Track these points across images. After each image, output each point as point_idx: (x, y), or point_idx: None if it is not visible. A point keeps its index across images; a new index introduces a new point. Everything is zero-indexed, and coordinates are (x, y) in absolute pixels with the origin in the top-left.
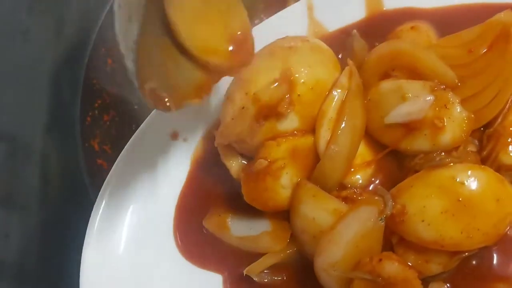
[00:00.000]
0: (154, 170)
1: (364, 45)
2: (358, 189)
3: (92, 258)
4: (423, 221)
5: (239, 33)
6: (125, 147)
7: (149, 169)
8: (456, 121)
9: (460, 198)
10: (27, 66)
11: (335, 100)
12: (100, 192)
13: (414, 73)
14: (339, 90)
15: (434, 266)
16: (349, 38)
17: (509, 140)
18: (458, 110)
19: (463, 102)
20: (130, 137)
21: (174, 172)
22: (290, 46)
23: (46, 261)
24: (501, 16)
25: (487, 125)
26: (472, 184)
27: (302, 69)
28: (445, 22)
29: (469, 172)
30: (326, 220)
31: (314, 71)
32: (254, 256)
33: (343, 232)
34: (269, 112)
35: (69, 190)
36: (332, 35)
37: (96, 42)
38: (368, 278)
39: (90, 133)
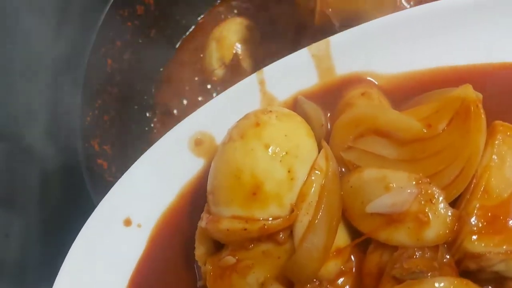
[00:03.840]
0: (106, 263)
1: (316, 107)
2: (325, 282)
3: None
4: None
5: None
6: (76, 239)
7: (100, 262)
8: (441, 217)
9: None
10: (27, 66)
11: (314, 185)
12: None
13: (381, 134)
14: (317, 172)
15: None
16: (297, 105)
17: (472, 228)
18: (443, 207)
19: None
20: (130, 137)
21: (127, 264)
22: (257, 123)
23: (46, 261)
24: (460, 91)
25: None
26: None
27: (281, 141)
28: (396, 89)
29: None
30: None
31: (292, 137)
32: None
33: None
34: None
35: (69, 190)
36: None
37: (96, 42)
38: None
39: (90, 133)
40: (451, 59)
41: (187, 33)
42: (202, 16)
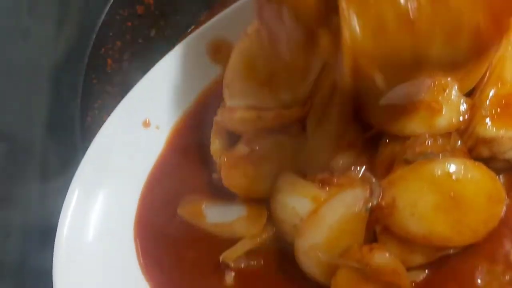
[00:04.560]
0: (125, 160)
1: None
2: (336, 172)
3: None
4: (413, 215)
5: None
6: (96, 136)
7: (120, 159)
8: (453, 105)
9: (453, 194)
10: (27, 66)
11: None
12: (71, 183)
13: None
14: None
15: (418, 257)
16: None
17: (486, 113)
18: (456, 95)
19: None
20: None
21: (146, 161)
22: None
23: (46, 261)
24: None
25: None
26: (466, 180)
27: None
28: None
29: (463, 168)
30: (306, 208)
31: None
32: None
33: (326, 215)
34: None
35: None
36: None
37: (96, 42)
38: (356, 266)
39: (90, 133)
40: None
41: (187, 33)
42: (202, 16)
